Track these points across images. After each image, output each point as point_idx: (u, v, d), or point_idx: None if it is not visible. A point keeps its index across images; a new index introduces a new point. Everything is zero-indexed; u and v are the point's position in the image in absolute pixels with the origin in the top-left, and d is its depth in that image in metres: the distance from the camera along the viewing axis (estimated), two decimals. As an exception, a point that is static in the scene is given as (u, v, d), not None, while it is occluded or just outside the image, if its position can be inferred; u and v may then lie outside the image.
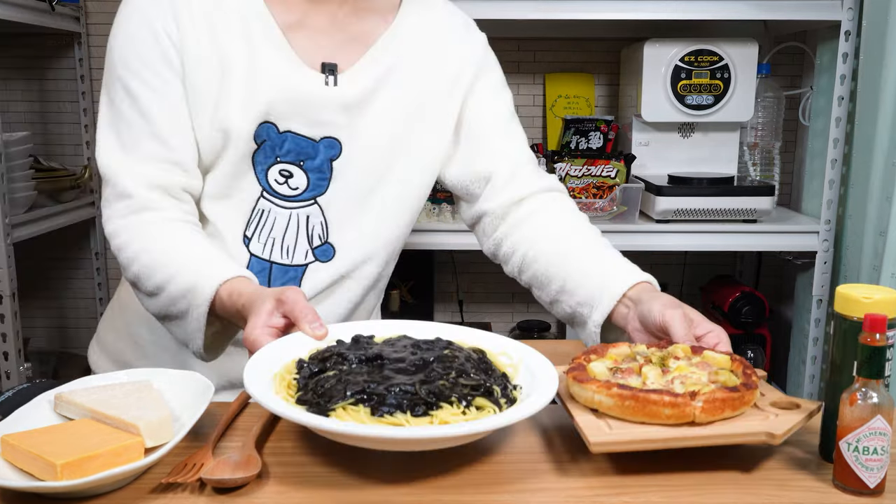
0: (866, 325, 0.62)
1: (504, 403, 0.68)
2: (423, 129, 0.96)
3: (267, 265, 0.93)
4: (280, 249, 0.93)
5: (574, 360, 0.76)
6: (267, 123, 0.89)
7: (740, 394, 0.67)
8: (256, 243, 0.93)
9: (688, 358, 0.75)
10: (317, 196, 0.93)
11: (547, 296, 0.93)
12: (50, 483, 0.61)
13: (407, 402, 0.64)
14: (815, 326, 1.70)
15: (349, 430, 0.61)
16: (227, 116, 0.88)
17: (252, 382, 0.67)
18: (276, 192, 0.92)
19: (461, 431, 0.62)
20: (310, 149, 0.91)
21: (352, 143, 0.92)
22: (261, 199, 0.92)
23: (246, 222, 0.92)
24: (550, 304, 0.94)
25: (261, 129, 0.89)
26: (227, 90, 0.88)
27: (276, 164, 0.91)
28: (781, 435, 0.65)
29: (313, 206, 0.93)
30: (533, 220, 0.97)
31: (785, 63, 1.93)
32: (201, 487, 0.65)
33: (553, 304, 0.93)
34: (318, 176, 0.92)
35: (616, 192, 1.66)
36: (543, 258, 0.93)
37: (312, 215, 0.93)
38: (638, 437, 0.65)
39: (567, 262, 0.91)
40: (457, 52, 0.98)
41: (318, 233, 0.94)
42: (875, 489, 0.63)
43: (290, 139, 0.90)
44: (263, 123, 0.89)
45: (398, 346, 0.75)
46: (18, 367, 1.56)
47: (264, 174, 0.91)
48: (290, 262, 0.93)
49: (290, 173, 0.91)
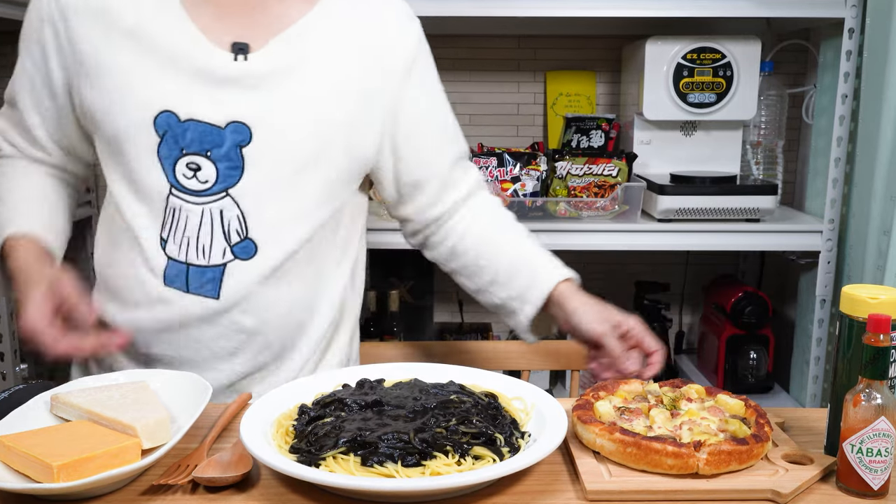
0: (870, 326, 0.62)
1: (507, 452, 0.66)
2: (349, 119, 0.90)
3: (184, 268, 0.87)
4: (196, 249, 0.87)
5: (583, 395, 0.75)
6: (166, 112, 0.84)
7: (748, 447, 0.65)
8: (172, 245, 0.87)
9: (700, 400, 0.74)
10: (228, 188, 0.86)
11: (474, 285, 0.99)
12: (46, 485, 0.61)
13: (399, 452, 0.63)
14: (818, 327, 1.69)
15: (333, 481, 0.60)
16: (124, 109, 0.85)
17: (247, 428, 0.67)
18: (185, 187, 0.86)
19: (449, 484, 0.61)
20: (215, 136, 0.85)
21: (263, 128, 0.86)
22: (171, 197, 0.86)
23: (161, 223, 0.87)
24: (477, 292, 0.99)
25: (160, 118, 0.84)
26: (122, 80, 0.85)
27: (183, 157, 0.85)
28: (789, 494, 0.63)
29: (225, 198, 0.87)
30: (462, 213, 0.99)
31: (788, 61, 1.92)
32: (194, 488, 0.65)
33: (480, 292, 0.99)
34: (228, 165, 0.86)
35: (618, 191, 1.65)
36: (473, 251, 0.98)
37: (226, 209, 0.87)
38: (637, 487, 0.64)
39: (498, 256, 0.97)
40: (389, 43, 0.93)
41: (236, 228, 0.87)
42: (879, 491, 0.63)
43: (192, 127, 0.85)
44: (162, 112, 0.84)
45: (404, 391, 0.74)
46: (14, 367, 1.55)
47: (171, 169, 0.86)
48: (207, 262, 0.87)
49: (198, 165, 0.86)
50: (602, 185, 1.68)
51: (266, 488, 0.65)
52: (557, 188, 1.68)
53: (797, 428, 0.78)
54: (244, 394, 0.84)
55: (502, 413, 0.72)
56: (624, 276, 1.98)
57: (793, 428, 0.78)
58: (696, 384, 0.77)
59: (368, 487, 0.60)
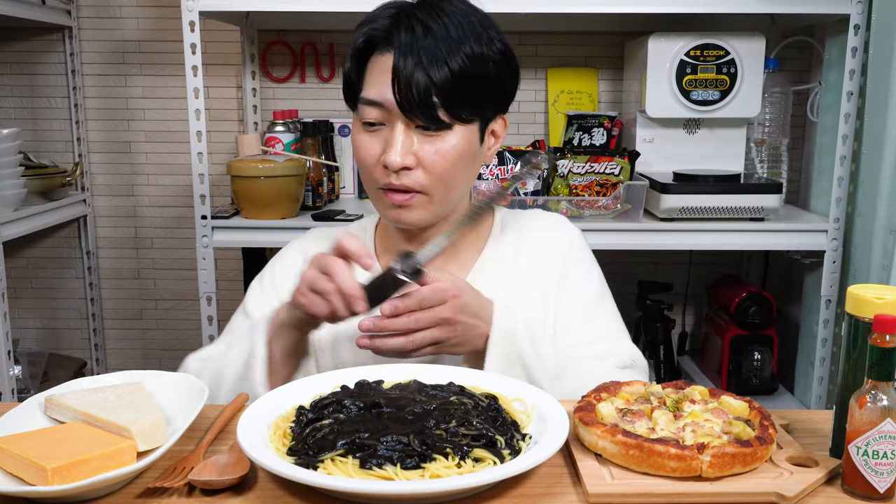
0: (876, 326, 0.61)
1: (507, 455, 0.65)
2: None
3: None
4: None
5: (584, 397, 0.74)
6: None
7: (752, 449, 0.64)
8: None
9: (704, 402, 0.73)
10: None
11: None
12: (40, 488, 0.60)
13: (398, 454, 0.62)
14: (823, 327, 1.67)
15: (332, 484, 0.60)
16: None
17: (244, 430, 0.66)
18: None
19: (448, 487, 0.60)
20: None
21: None
22: None
23: None
24: None
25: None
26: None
27: None
28: (793, 497, 0.62)
29: None
30: None
31: (793, 58, 1.90)
32: (190, 490, 0.64)
33: None
34: None
35: (620, 189, 1.64)
36: None
37: None
38: (639, 489, 0.63)
39: None
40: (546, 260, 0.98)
41: None
42: (885, 494, 0.62)
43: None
44: None
45: (404, 392, 0.74)
46: (8, 369, 1.54)
47: None
48: None
49: None
50: (604, 183, 1.67)
51: (263, 491, 0.64)
52: (559, 187, 1.67)
53: (802, 430, 0.77)
54: (241, 394, 0.83)
55: (503, 415, 0.71)
56: (626, 275, 1.97)
57: (797, 430, 0.77)
58: (700, 385, 0.76)
59: (367, 490, 0.60)
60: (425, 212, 0.90)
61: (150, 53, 1.97)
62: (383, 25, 0.87)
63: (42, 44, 1.95)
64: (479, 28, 0.87)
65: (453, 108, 0.85)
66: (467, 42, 0.85)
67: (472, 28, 0.86)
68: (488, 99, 0.89)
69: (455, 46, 0.84)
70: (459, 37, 0.85)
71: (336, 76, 1.96)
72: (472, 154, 0.90)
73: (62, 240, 2.04)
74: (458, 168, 0.88)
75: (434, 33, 0.84)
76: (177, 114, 1.99)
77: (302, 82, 1.97)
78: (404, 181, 0.87)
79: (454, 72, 0.84)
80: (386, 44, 0.86)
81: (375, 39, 0.87)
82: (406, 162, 0.86)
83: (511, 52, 0.91)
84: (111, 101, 2.00)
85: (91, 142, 2.01)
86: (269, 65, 1.96)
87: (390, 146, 0.86)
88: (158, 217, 2.05)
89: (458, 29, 0.85)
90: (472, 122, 0.89)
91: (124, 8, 1.95)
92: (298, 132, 1.73)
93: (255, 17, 1.83)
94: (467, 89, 0.86)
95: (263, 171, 1.58)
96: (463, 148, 0.88)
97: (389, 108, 0.86)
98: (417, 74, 0.83)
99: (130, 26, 1.96)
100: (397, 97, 0.85)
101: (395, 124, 0.87)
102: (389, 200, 0.89)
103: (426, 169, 0.87)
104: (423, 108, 0.84)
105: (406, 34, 0.85)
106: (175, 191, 2.04)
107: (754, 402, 0.73)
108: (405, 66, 0.84)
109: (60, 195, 1.85)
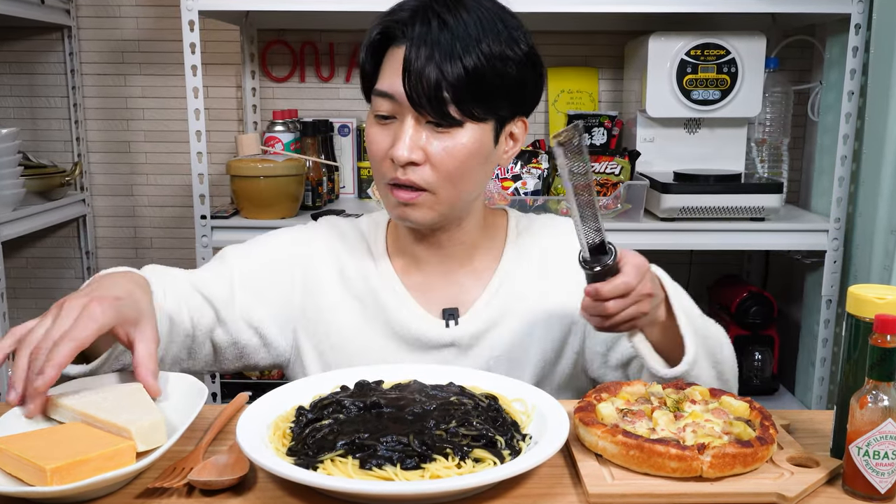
0: (877, 326, 0.61)
1: (508, 455, 0.65)
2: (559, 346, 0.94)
3: None
4: None
5: (585, 397, 0.74)
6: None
7: (753, 450, 0.64)
8: None
9: (705, 402, 0.73)
10: None
11: None
12: (40, 488, 0.60)
13: (398, 455, 0.62)
14: (824, 327, 1.67)
15: (331, 485, 0.59)
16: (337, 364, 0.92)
17: (244, 430, 0.66)
18: None
19: (448, 487, 0.60)
20: None
21: None
22: None
23: None
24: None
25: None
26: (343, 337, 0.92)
27: None
28: (794, 497, 0.62)
29: None
30: None
31: (793, 57, 1.90)
32: (189, 491, 0.64)
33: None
34: None
35: (620, 189, 1.63)
36: None
37: None
38: (639, 490, 0.63)
39: None
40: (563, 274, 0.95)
41: None
42: (886, 494, 0.62)
43: None
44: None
45: (404, 393, 0.73)
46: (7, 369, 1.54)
47: None
48: None
49: None
50: (604, 183, 1.66)
51: (263, 491, 0.64)
52: (559, 186, 1.66)
53: (803, 430, 0.77)
54: (241, 395, 0.83)
55: (503, 415, 0.71)
56: (627, 275, 1.96)
57: (798, 430, 0.77)
58: (700, 386, 0.76)
59: (367, 491, 0.60)
60: (432, 211, 0.88)
61: (149, 53, 1.97)
62: (401, 18, 0.85)
63: (41, 43, 1.95)
64: (502, 27, 0.85)
65: (465, 105, 0.83)
66: (486, 40, 0.83)
67: (493, 27, 0.84)
68: (505, 99, 0.87)
69: (472, 43, 0.82)
70: (478, 34, 0.83)
71: (336, 76, 1.96)
72: (485, 154, 0.88)
73: (61, 240, 2.04)
74: (467, 167, 0.86)
75: (450, 28, 0.83)
76: (176, 113, 1.99)
77: (301, 82, 1.96)
78: (410, 177, 0.85)
79: (468, 69, 0.82)
80: (402, 36, 0.85)
81: (392, 31, 0.86)
82: (413, 157, 0.84)
83: (536, 55, 0.89)
84: (110, 101, 2.00)
85: (90, 141, 2.01)
86: (269, 64, 1.96)
87: (398, 139, 0.84)
88: (158, 217, 2.05)
89: (478, 26, 0.83)
90: (486, 121, 0.86)
91: (124, 7, 1.95)
92: (298, 132, 1.73)
93: (255, 17, 1.83)
94: (481, 88, 0.84)
95: (263, 171, 1.58)
96: (474, 147, 0.86)
97: (400, 101, 0.84)
98: (428, 68, 0.82)
99: (130, 26, 1.96)
100: (407, 89, 0.83)
101: (406, 118, 0.85)
102: (395, 198, 0.87)
103: (434, 166, 0.85)
104: (432, 103, 0.83)
105: (421, 26, 0.83)
106: (174, 191, 2.04)
107: (755, 402, 0.73)
108: (417, 58, 0.82)
109: (59, 195, 1.85)
